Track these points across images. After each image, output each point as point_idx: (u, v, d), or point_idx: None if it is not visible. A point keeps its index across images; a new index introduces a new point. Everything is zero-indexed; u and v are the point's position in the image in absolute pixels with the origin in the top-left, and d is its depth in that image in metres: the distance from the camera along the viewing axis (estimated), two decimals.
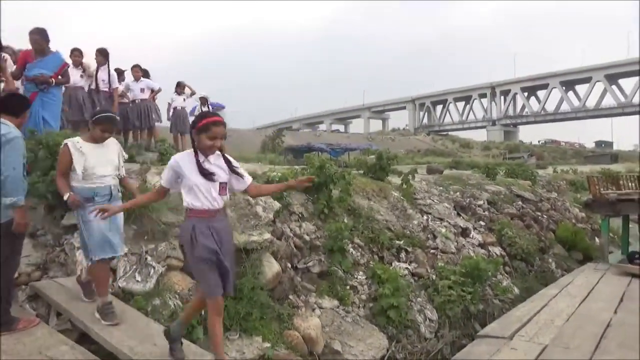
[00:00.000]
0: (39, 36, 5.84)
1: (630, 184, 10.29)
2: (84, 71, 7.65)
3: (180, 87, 10.60)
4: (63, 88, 6.51)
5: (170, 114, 10.53)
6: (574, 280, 7.68)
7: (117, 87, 8.04)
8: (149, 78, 9.75)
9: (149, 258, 4.64)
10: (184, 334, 3.46)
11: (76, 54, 7.56)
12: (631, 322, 5.34)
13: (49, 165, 4.62)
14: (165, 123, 10.65)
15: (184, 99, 10.61)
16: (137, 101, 9.20)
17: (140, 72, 9.46)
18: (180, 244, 3.10)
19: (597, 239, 12.08)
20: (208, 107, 11.22)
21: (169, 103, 10.61)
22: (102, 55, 7.88)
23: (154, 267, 4.57)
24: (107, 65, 7.89)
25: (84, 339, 3.63)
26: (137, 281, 4.43)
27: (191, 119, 9.30)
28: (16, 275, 4.00)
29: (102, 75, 7.83)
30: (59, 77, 6.05)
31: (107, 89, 7.85)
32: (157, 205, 5.06)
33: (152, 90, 9.56)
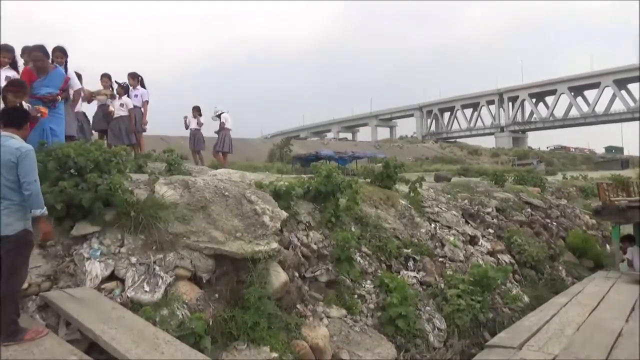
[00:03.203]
0: (41, 53, 5.87)
1: None
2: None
3: (195, 111, 11.70)
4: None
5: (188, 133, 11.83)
6: (584, 289, 7.60)
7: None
8: (144, 87, 9.90)
9: (157, 268, 4.66)
10: None
11: (3, 54, 6.32)
12: None
13: (58, 176, 4.68)
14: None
15: (198, 122, 11.65)
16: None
17: (135, 80, 9.69)
18: None
19: (608, 246, 11.97)
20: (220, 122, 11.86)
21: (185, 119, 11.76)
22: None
23: (162, 277, 4.59)
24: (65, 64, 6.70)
25: (93, 348, 3.66)
26: (146, 291, 4.45)
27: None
28: (26, 285, 4.04)
29: None
30: (62, 91, 6.11)
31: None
32: (165, 216, 5.10)
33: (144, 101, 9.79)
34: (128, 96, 9.48)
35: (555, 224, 11.78)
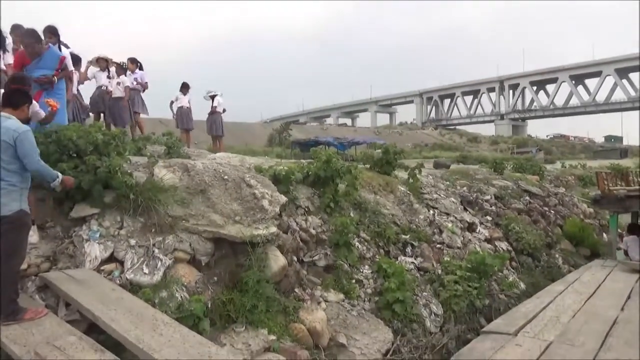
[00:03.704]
0: (32, 39, 5.68)
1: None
2: None
3: (184, 88, 11.08)
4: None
5: (175, 111, 11.10)
6: (580, 277, 7.65)
7: None
8: (142, 70, 9.85)
9: (157, 250, 4.67)
10: None
11: None
12: (638, 319, 5.32)
13: (58, 158, 4.66)
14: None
15: (189, 100, 11.12)
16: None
17: (134, 65, 9.69)
18: None
19: (605, 235, 12.02)
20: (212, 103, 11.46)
21: (172, 101, 11.10)
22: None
23: (161, 260, 4.60)
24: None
25: (92, 329, 3.68)
26: (145, 273, 4.47)
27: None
28: (26, 266, 4.06)
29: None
30: (59, 71, 5.95)
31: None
32: (164, 199, 5.10)
33: (141, 83, 9.74)
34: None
35: (553, 212, 11.81)
